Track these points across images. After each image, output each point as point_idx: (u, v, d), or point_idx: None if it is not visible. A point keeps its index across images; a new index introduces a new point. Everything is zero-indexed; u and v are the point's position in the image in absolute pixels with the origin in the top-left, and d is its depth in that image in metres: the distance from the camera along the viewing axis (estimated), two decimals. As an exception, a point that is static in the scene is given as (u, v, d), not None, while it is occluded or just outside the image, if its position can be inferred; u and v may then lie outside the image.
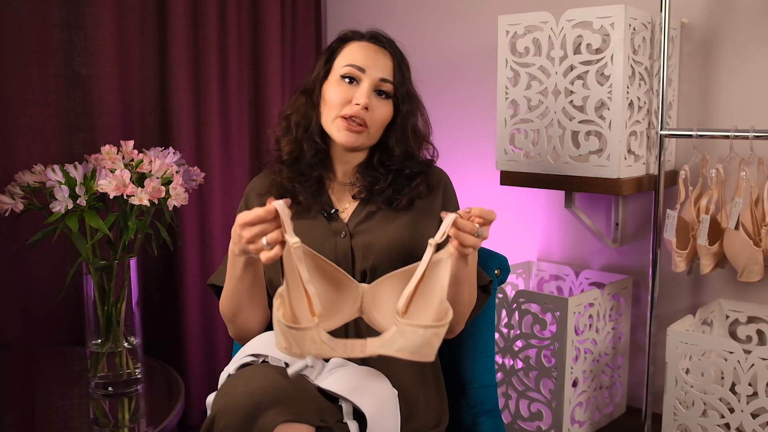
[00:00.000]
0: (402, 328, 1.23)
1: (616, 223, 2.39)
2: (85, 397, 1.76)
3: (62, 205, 1.64)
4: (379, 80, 1.48)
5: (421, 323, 1.23)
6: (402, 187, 1.52)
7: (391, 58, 1.52)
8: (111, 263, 1.73)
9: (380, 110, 1.49)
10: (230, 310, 1.43)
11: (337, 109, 1.47)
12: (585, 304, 2.16)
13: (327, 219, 1.51)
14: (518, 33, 2.14)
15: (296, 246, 1.18)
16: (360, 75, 1.48)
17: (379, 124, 1.50)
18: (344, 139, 1.47)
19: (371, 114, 1.47)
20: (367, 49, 1.50)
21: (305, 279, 1.20)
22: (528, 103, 2.15)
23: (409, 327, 1.23)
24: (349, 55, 1.50)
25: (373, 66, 1.48)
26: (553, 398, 2.14)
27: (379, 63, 1.49)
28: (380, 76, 1.49)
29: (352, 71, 1.48)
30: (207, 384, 2.56)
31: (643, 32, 2.05)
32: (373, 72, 1.48)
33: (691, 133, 1.99)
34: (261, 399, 1.17)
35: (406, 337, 1.23)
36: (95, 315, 1.73)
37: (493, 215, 1.26)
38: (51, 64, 2.15)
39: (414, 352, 1.23)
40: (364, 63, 1.48)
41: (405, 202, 1.50)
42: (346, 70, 1.48)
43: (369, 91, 1.47)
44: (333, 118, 1.48)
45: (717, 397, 1.89)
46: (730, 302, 2.16)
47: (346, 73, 1.48)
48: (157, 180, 1.70)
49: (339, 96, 1.47)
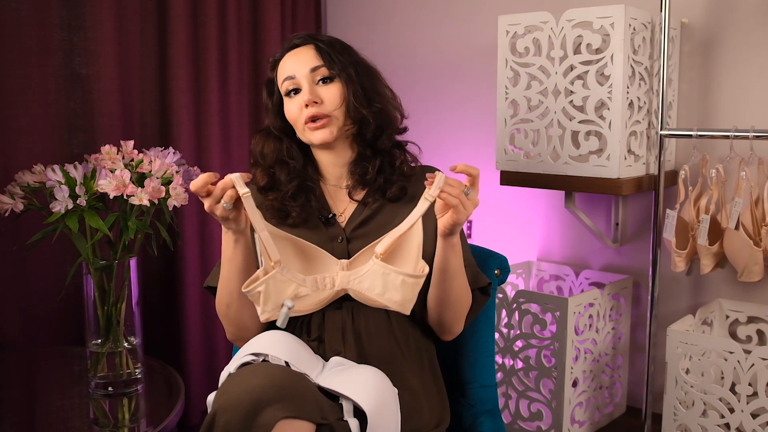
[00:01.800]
0: (375, 268, 1.31)
1: (616, 223, 2.39)
2: (85, 397, 1.76)
3: (62, 205, 1.64)
4: (309, 73, 1.49)
5: (394, 268, 1.31)
6: (390, 174, 1.52)
7: (311, 47, 1.52)
8: (111, 263, 1.73)
9: (328, 93, 1.49)
10: (224, 300, 1.44)
11: (299, 121, 1.50)
12: (585, 304, 2.16)
13: (325, 225, 1.51)
14: (518, 33, 2.15)
15: (246, 195, 1.27)
16: (296, 81, 1.50)
17: (335, 105, 1.48)
18: (319, 138, 1.48)
19: (323, 103, 1.48)
20: (290, 56, 1.52)
21: (258, 227, 1.28)
22: (528, 103, 2.15)
23: (382, 269, 1.31)
24: (281, 73, 1.53)
25: (298, 66, 1.50)
26: (553, 398, 2.14)
27: (301, 60, 1.50)
28: (308, 69, 1.49)
29: (289, 84, 1.50)
30: (207, 384, 2.56)
31: (643, 32, 2.05)
32: (301, 70, 1.49)
33: (691, 133, 1.99)
34: (261, 396, 1.17)
35: (376, 277, 1.31)
36: (95, 315, 1.74)
37: (476, 170, 1.33)
38: (51, 64, 2.15)
39: (382, 294, 1.31)
40: (292, 70, 1.50)
41: (396, 190, 1.51)
42: (286, 86, 1.51)
43: (309, 87, 1.48)
44: (302, 129, 1.50)
45: (717, 397, 1.89)
46: (730, 302, 2.17)
47: (287, 88, 1.51)
48: (157, 180, 1.71)
49: (292, 109, 1.50)
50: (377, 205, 1.52)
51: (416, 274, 1.31)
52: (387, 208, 1.51)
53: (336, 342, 1.45)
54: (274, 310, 1.32)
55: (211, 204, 1.29)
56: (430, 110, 2.80)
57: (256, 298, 1.31)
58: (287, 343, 1.38)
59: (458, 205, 1.31)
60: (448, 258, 1.39)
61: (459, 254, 1.41)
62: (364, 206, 1.52)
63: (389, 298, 1.31)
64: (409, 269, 1.32)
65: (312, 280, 1.34)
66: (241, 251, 1.39)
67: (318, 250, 1.38)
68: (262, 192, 1.54)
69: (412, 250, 1.34)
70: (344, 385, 1.29)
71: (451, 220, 1.33)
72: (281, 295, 1.31)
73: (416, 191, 1.51)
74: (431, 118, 2.79)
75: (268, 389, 1.19)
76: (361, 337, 1.44)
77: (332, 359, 1.42)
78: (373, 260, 1.31)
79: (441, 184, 1.30)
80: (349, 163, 1.55)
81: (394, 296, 1.31)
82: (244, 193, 1.27)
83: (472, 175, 1.32)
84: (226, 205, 1.27)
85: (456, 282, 1.42)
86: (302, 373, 1.31)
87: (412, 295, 1.32)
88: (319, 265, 1.38)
